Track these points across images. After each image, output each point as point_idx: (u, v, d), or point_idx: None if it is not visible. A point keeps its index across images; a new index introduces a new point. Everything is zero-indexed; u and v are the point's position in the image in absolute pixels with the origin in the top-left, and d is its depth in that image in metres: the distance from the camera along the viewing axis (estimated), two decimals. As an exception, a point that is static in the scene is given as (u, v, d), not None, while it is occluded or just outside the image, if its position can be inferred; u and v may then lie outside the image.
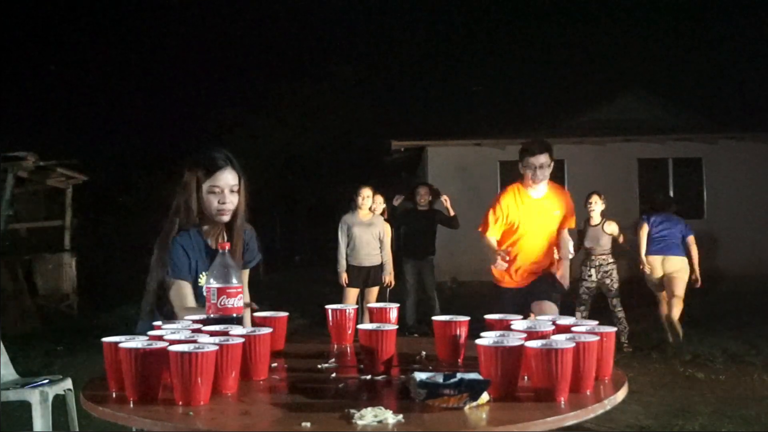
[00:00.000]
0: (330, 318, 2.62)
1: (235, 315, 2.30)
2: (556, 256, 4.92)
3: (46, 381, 4.20)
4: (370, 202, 7.75)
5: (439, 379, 1.84)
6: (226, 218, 2.76)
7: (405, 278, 8.62)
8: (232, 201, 2.75)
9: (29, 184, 11.89)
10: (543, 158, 4.58)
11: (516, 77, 22.75)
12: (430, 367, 2.21)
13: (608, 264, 7.55)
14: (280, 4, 27.83)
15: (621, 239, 7.64)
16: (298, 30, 27.87)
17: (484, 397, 1.78)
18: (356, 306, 2.76)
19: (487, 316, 2.35)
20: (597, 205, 7.54)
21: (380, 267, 7.80)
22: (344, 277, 7.68)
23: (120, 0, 30.11)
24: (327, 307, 2.65)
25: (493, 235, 4.78)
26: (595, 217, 7.58)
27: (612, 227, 7.56)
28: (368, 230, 7.74)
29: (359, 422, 1.65)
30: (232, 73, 27.15)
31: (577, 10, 27.27)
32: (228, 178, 2.73)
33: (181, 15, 27.49)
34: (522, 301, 4.70)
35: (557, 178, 6.39)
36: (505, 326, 2.23)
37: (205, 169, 2.73)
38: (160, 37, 26.64)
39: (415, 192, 8.79)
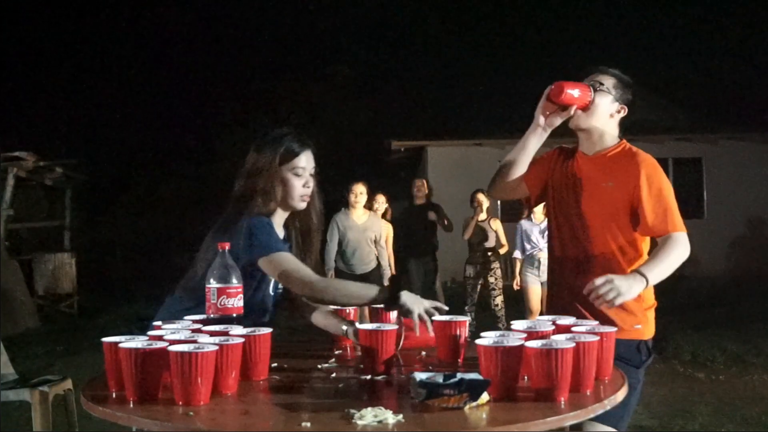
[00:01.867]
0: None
1: (235, 315, 2.30)
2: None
3: (46, 381, 4.20)
4: (363, 200, 7.07)
5: (439, 379, 1.84)
6: (304, 205, 2.60)
7: (411, 278, 8.28)
8: (311, 186, 2.58)
9: (29, 184, 11.89)
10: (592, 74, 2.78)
11: (516, 77, 22.74)
12: (430, 367, 2.21)
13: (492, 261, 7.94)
14: (281, 4, 27.85)
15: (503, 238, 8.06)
16: (298, 30, 27.87)
17: (484, 397, 1.78)
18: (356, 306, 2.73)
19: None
20: (483, 203, 7.97)
21: (373, 272, 7.19)
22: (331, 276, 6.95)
23: (119, 0, 30.12)
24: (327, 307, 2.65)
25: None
26: (482, 215, 7.99)
27: (497, 224, 8.04)
28: (363, 234, 7.06)
29: (359, 422, 1.65)
30: (232, 72, 27.15)
31: (577, 10, 27.28)
32: (311, 161, 2.58)
33: (181, 15, 27.49)
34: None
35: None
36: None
37: (287, 149, 2.53)
38: (160, 36, 26.64)
39: (411, 186, 8.46)
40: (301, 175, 2.55)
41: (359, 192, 7.05)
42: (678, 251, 2.54)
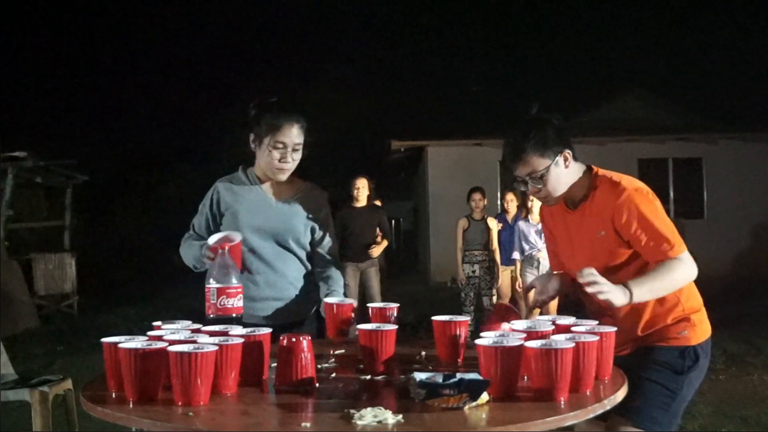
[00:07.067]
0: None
1: (234, 315, 2.30)
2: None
3: (46, 381, 4.20)
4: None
5: (439, 379, 1.84)
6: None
7: (348, 285, 7.90)
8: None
9: (29, 184, 11.89)
10: (520, 170, 2.50)
11: (516, 77, 22.78)
12: (430, 367, 2.21)
13: (487, 260, 7.93)
14: (281, 4, 27.85)
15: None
16: (298, 30, 27.88)
17: (484, 397, 1.78)
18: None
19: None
20: (480, 202, 7.98)
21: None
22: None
23: (119, 0, 30.10)
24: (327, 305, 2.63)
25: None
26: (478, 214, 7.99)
27: (493, 223, 8.00)
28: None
29: (359, 422, 1.65)
30: (232, 73, 27.16)
31: (578, 11, 27.28)
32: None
33: (181, 15, 27.51)
34: None
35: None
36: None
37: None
38: (160, 36, 26.65)
39: (351, 186, 7.80)
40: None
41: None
42: (673, 273, 2.45)
